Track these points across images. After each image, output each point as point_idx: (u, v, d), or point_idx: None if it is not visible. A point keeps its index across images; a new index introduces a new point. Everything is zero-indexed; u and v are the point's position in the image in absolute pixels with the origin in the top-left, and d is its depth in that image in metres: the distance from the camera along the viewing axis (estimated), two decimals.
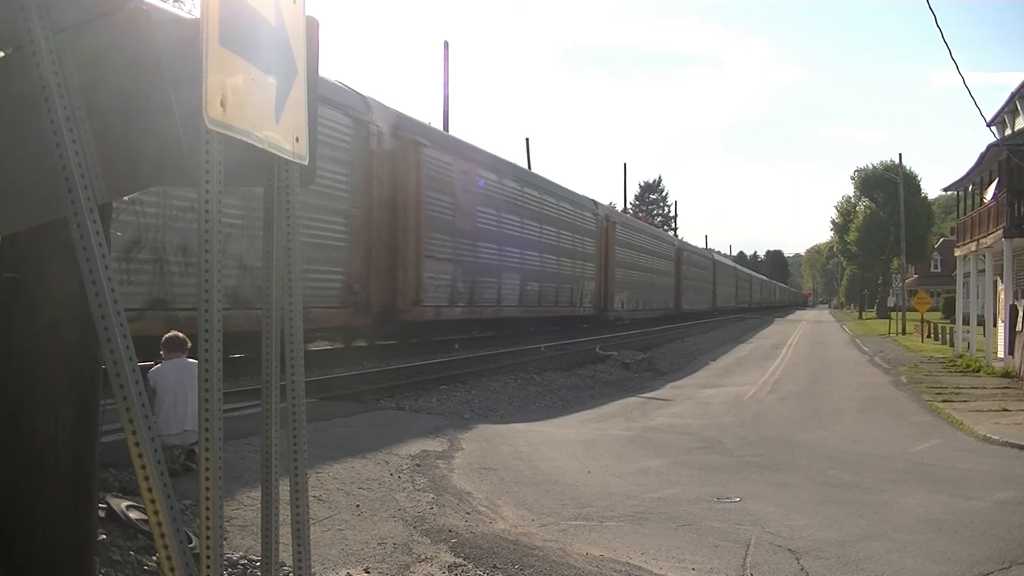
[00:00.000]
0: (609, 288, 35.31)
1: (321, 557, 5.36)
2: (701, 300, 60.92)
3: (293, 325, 3.23)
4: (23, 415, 2.75)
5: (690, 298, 55.96)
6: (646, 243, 44.47)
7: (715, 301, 67.75)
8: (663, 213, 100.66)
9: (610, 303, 35.63)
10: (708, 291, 64.89)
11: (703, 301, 61.77)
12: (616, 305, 36.79)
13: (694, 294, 57.67)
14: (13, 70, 2.41)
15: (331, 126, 15.66)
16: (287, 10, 3.00)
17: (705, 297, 63.23)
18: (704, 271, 63.28)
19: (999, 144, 24.46)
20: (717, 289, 68.80)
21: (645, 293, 43.30)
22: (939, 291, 69.57)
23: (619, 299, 37.36)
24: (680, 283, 52.00)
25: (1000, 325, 25.43)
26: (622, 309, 38.23)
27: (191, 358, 6.69)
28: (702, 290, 61.87)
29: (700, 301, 60.28)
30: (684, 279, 53.12)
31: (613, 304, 36.15)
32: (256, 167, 3.09)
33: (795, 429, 13.36)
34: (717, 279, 68.83)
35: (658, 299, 46.59)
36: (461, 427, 11.28)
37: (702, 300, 61.40)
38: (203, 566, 2.56)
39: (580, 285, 31.72)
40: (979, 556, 6.45)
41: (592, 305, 33.37)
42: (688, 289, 54.88)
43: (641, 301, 42.35)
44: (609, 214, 37.46)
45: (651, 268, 44.93)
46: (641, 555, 6.30)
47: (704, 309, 61.18)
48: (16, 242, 2.74)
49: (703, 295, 62.27)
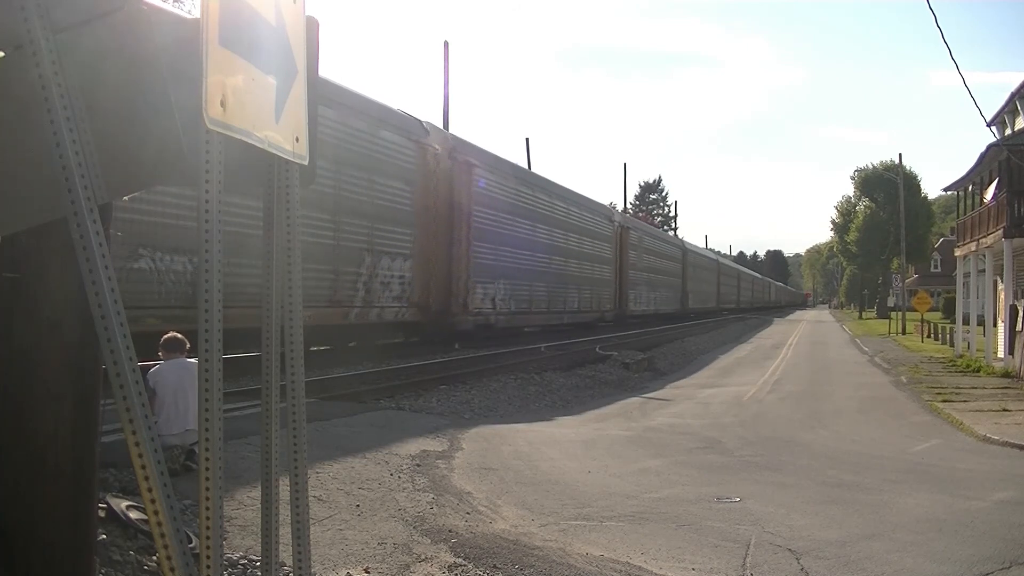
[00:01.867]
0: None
1: (321, 557, 5.36)
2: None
3: (293, 325, 3.23)
4: (23, 415, 2.75)
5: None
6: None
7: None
8: (663, 213, 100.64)
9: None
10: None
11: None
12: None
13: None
14: (13, 70, 2.41)
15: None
16: (287, 10, 3.00)
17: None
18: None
19: (999, 144, 24.46)
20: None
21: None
22: (939, 291, 69.59)
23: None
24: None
25: (1000, 325, 25.43)
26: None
27: (190, 358, 6.69)
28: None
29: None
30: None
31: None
32: (256, 167, 3.09)
33: (795, 429, 13.36)
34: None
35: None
36: (461, 427, 11.28)
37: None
38: (203, 566, 2.56)
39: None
40: (979, 556, 6.45)
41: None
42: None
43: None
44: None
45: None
46: (641, 555, 6.30)
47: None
48: (16, 242, 2.74)
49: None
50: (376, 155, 17.24)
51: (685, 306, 53.09)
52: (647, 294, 43.48)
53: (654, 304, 45.25)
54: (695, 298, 57.60)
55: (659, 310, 46.48)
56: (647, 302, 43.51)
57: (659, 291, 46.37)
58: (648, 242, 44.67)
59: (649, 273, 44.00)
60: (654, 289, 45.00)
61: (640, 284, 41.77)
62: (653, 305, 45.09)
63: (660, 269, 46.98)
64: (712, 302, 66.84)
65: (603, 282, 34.93)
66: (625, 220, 41.20)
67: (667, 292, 48.50)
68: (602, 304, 34.75)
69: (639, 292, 41.48)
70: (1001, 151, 23.83)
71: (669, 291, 49.09)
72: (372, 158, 17.07)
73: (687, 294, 53.95)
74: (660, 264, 47.03)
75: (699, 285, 60.43)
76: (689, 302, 54.79)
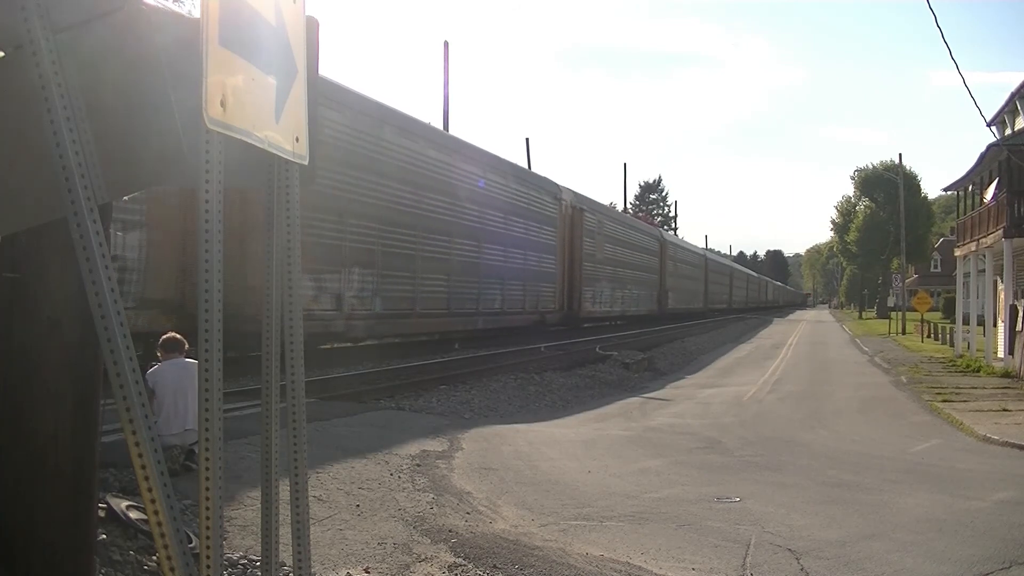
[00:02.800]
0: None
1: (321, 557, 5.36)
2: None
3: (293, 325, 3.23)
4: (23, 415, 2.75)
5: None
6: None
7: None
8: (663, 213, 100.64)
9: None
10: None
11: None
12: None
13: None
14: (13, 70, 2.41)
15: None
16: (287, 10, 3.00)
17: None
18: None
19: (999, 144, 24.46)
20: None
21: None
22: (939, 291, 69.57)
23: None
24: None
25: (1000, 325, 25.43)
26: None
27: (190, 358, 6.69)
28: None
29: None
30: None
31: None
32: (256, 167, 3.09)
33: (795, 429, 13.36)
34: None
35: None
36: (461, 427, 11.28)
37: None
38: (203, 566, 2.56)
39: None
40: (979, 556, 6.45)
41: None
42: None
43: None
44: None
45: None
46: (641, 555, 6.30)
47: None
48: (16, 242, 2.74)
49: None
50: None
51: (663, 307, 46.28)
52: (610, 292, 36.20)
53: (620, 304, 38.36)
54: (676, 298, 50.25)
55: (627, 311, 39.52)
56: (610, 302, 36.57)
57: (628, 289, 39.19)
58: (612, 229, 37.05)
59: (614, 267, 36.78)
60: (621, 286, 37.95)
61: (601, 279, 34.96)
62: (619, 306, 38.30)
63: (629, 263, 39.27)
64: (698, 302, 59.04)
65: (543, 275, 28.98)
66: (579, 200, 32.95)
67: (639, 290, 41.31)
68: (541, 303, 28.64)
69: (599, 289, 34.70)
70: (1001, 151, 23.83)
71: (642, 289, 41.93)
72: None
73: (665, 293, 46.76)
74: (629, 257, 39.32)
75: (681, 283, 52.82)
76: (668, 302, 47.53)
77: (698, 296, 60.07)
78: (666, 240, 49.23)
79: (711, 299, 65.50)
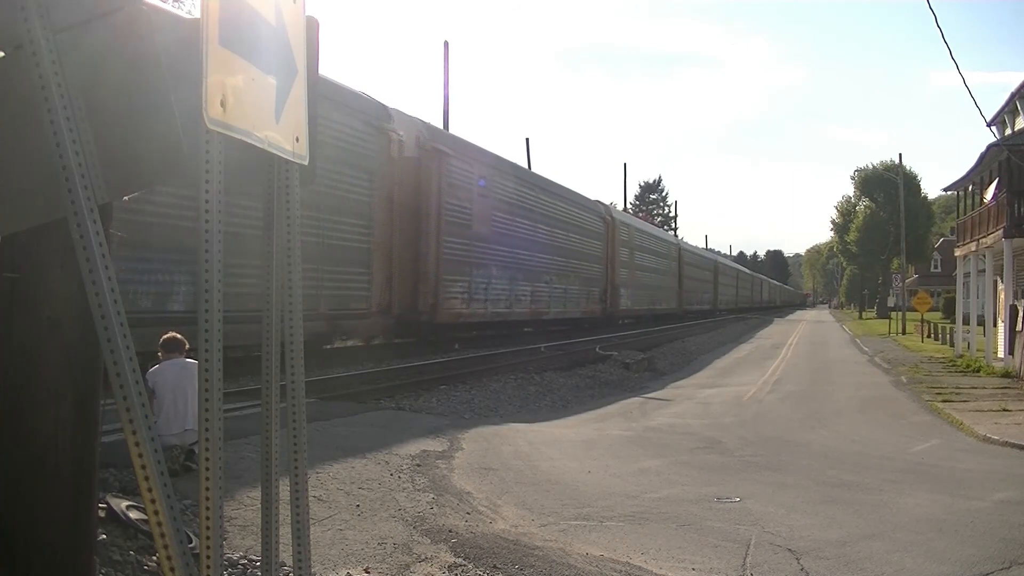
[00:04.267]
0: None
1: (321, 557, 5.36)
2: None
3: (293, 325, 3.23)
4: (23, 415, 2.75)
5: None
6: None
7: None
8: (663, 213, 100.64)
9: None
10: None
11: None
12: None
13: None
14: (13, 70, 2.41)
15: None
16: (287, 10, 3.00)
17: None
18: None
19: (999, 144, 24.46)
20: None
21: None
22: (939, 291, 69.57)
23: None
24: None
25: (1000, 325, 25.43)
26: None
27: (189, 358, 6.69)
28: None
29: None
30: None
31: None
32: (256, 167, 3.09)
33: (795, 429, 13.36)
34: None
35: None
36: (461, 427, 11.28)
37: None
38: (203, 566, 2.56)
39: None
40: (979, 556, 6.45)
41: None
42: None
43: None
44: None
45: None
46: (641, 555, 6.30)
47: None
48: (16, 242, 2.74)
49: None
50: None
51: (614, 307, 36.60)
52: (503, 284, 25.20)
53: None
54: (637, 296, 40.43)
55: (567, 313, 31.35)
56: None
57: (571, 283, 31.33)
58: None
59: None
60: (563, 278, 30.42)
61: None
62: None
63: (574, 251, 31.38)
64: (671, 302, 48.46)
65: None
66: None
67: (580, 287, 32.39)
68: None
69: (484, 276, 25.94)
70: (1001, 151, 23.82)
71: (581, 285, 32.53)
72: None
73: (616, 288, 36.68)
74: (573, 244, 31.34)
75: (647, 278, 42.81)
76: (622, 302, 37.92)
77: (670, 295, 48.48)
78: (619, 221, 38.92)
79: (688, 298, 54.01)
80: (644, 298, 42.44)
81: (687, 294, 53.50)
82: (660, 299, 46.46)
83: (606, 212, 37.98)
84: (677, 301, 49.94)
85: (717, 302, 67.36)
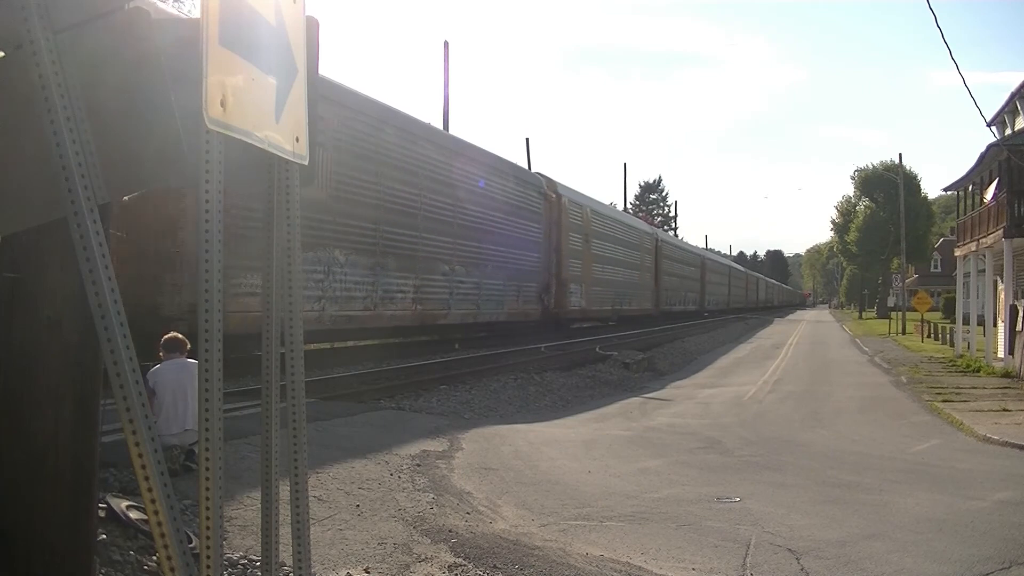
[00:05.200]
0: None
1: (321, 557, 5.36)
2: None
3: (293, 325, 3.23)
4: (23, 415, 2.75)
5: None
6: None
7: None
8: (663, 213, 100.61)
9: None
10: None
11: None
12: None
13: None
14: (13, 70, 2.41)
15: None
16: (287, 10, 3.00)
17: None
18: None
19: (999, 144, 24.45)
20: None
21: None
22: (939, 291, 69.55)
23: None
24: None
25: (1000, 325, 25.42)
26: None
27: (190, 358, 6.69)
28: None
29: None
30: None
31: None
32: (256, 167, 3.09)
33: (795, 429, 13.36)
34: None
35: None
36: (461, 427, 11.28)
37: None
38: (203, 566, 2.56)
39: None
40: (979, 556, 6.45)
41: None
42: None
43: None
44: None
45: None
46: (641, 555, 6.30)
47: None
48: (16, 242, 2.75)
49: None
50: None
51: (560, 307, 28.76)
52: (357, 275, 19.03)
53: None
54: (595, 295, 32.80)
55: (482, 316, 23.32)
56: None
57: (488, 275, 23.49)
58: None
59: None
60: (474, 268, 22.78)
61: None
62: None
63: (496, 233, 23.63)
64: (645, 301, 40.76)
65: None
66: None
67: (505, 281, 24.54)
68: None
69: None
70: (1001, 151, 23.82)
71: (507, 279, 24.70)
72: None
73: (563, 284, 28.90)
74: (494, 224, 23.55)
75: (610, 272, 34.72)
76: (573, 300, 30.15)
77: (643, 293, 41.27)
78: (563, 198, 29.69)
79: (668, 297, 46.99)
80: (606, 297, 34.24)
81: (667, 292, 45.72)
82: (630, 298, 38.14)
83: (549, 187, 28.30)
84: (653, 301, 41.88)
85: (705, 302, 59.08)
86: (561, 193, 29.38)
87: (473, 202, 22.20)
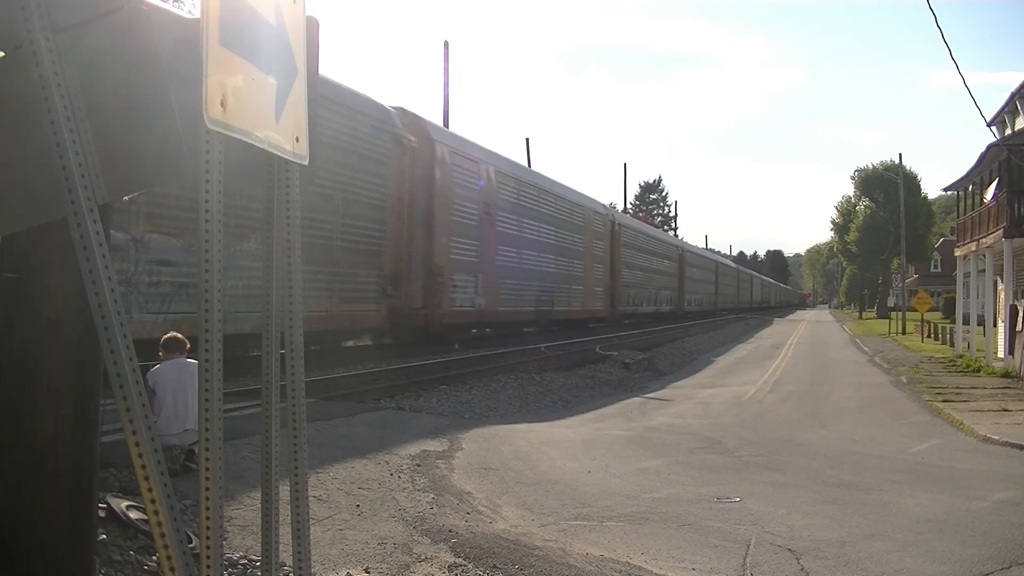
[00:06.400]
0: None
1: (321, 557, 5.36)
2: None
3: (293, 325, 3.22)
4: (23, 415, 2.75)
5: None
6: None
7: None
8: (663, 213, 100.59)
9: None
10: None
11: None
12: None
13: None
14: (13, 70, 2.41)
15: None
16: (287, 10, 3.00)
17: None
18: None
19: (999, 144, 24.45)
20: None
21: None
22: (939, 291, 69.53)
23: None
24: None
25: (1000, 325, 25.41)
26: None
27: (190, 358, 6.69)
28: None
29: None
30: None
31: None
32: (256, 167, 3.09)
33: (795, 429, 13.36)
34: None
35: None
36: (461, 427, 11.28)
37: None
38: (203, 566, 2.56)
39: None
40: (979, 556, 6.45)
41: None
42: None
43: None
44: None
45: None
46: (641, 555, 6.30)
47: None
48: (16, 242, 2.74)
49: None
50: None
51: (430, 304, 20.14)
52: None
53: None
54: (639, 296, 37.86)
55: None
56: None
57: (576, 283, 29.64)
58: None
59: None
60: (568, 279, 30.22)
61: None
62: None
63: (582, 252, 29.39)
64: (595, 301, 34.69)
65: None
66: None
67: (586, 286, 32.13)
68: None
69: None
70: (1001, 151, 23.82)
71: (587, 285, 32.13)
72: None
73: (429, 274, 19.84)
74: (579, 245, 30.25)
75: (546, 261, 28.17)
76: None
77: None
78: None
79: (689, 299, 49.69)
80: (525, 294, 27.60)
81: (628, 289, 42.17)
82: (567, 296, 32.71)
83: (410, 128, 19.98)
84: (607, 300, 37.83)
85: (684, 302, 55.44)
86: (435, 138, 20.42)
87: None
